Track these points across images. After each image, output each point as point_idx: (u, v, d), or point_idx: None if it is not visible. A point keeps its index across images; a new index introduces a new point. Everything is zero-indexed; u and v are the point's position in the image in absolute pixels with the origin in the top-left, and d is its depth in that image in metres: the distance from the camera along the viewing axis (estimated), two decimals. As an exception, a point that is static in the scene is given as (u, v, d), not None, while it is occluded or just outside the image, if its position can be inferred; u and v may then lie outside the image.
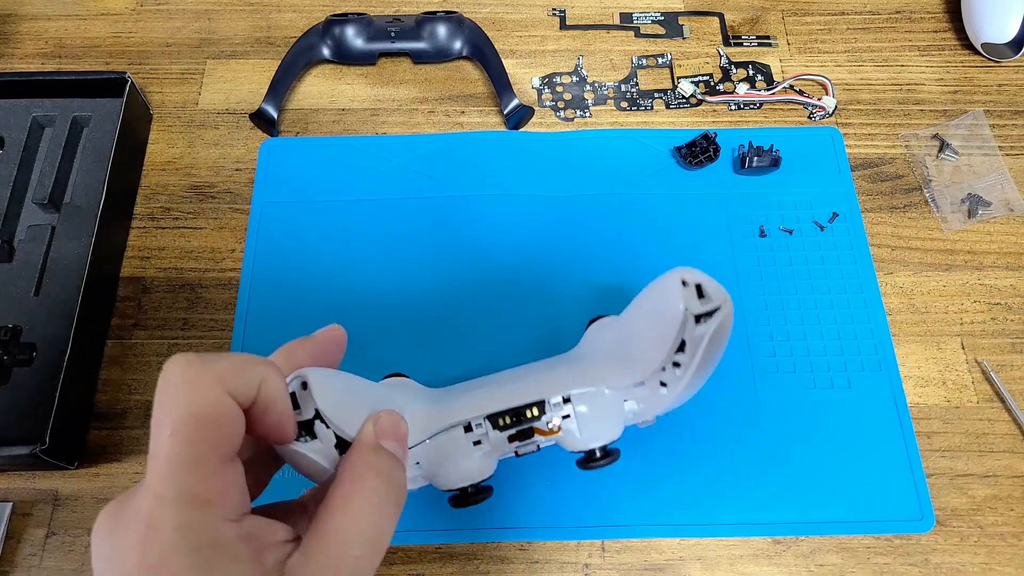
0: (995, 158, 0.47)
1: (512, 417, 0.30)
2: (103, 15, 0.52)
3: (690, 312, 0.26)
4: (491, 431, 0.30)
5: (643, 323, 0.30)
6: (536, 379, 0.31)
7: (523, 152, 0.46)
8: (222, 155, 0.47)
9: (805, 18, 0.52)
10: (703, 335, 0.26)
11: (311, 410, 0.24)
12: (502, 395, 0.30)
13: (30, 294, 0.41)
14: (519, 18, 0.52)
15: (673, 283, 0.27)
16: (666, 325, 0.27)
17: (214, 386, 0.20)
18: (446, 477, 0.29)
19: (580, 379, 0.30)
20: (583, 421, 0.30)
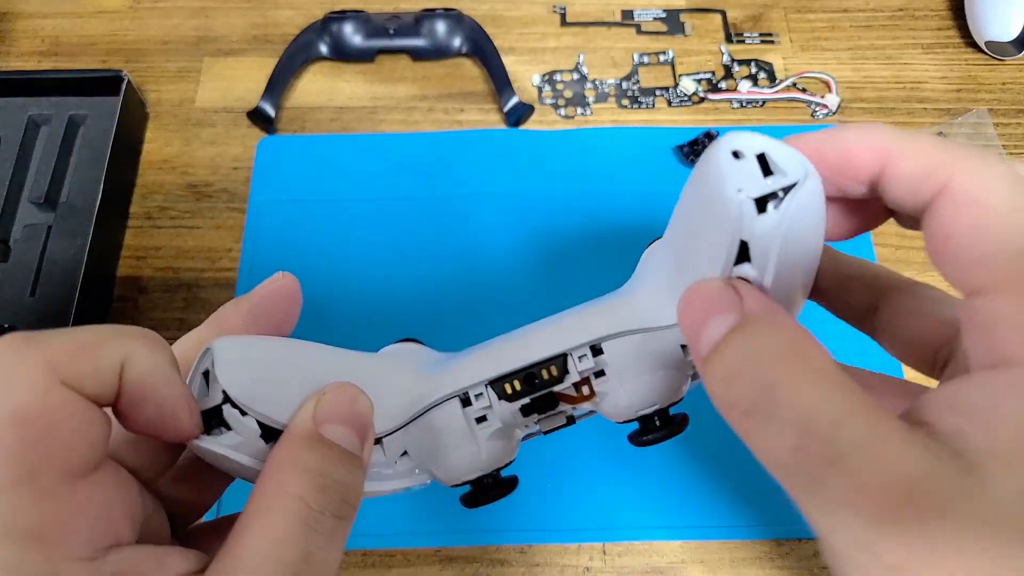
0: (999, 157, 0.46)
1: (522, 382, 0.21)
2: (99, 13, 0.51)
3: (746, 196, 0.17)
4: (496, 402, 0.21)
5: (689, 225, 0.20)
6: (561, 326, 0.22)
7: (523, 150, 0.46)
8: (219, 153, 0.47)
9: (808, 15, 0.52)
10: (774, 230, 0.16)
11: (218, 394, 0.18)
12: (510, 352, 0.22)
13: (26, 294, 0.40)
14: (519, 15, 0.52)
15: (720, 157, 0.17)
16: (717, 222, 0.17)
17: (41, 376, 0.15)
18: (446, 468, 0.22)
19: (615, 321, 0.21)
20: (625, 378, 0.21)
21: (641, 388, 0.21)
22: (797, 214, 0.16)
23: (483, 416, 0.22)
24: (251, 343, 0.20)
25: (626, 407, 0.21)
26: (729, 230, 0.17)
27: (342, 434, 0.18)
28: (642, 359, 0.21)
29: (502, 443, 0.22)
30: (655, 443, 0.21)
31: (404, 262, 0.43)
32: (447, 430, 0.22)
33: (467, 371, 0.22)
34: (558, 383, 0.21)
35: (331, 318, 0.41)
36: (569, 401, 0.22)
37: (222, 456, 0.19)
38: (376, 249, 0.43)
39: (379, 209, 0.44)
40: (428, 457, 0.22)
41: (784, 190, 0.16)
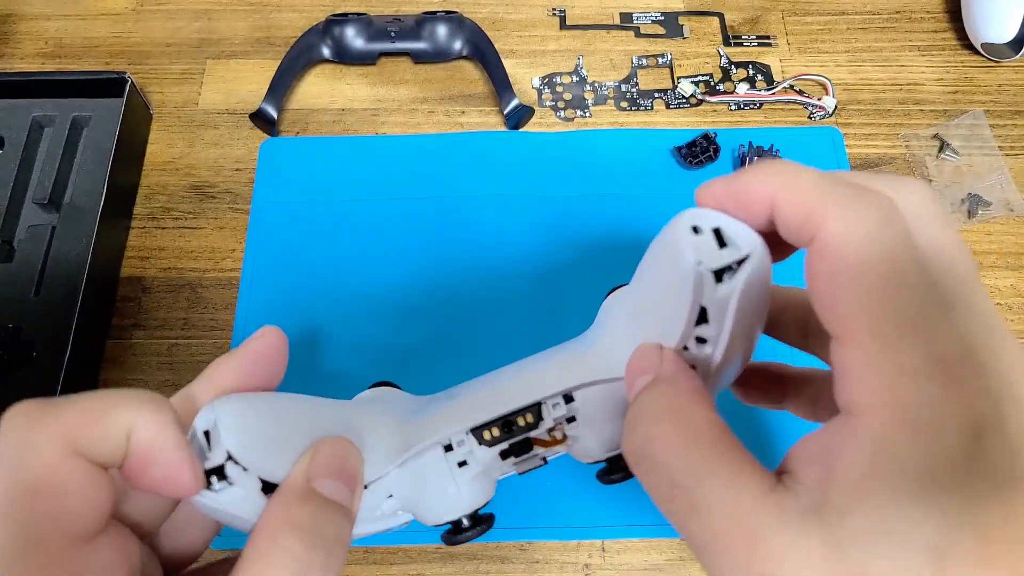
0: (995, 158, 0.47)
1: (500, 429, 0.23)
2: (103, 15, 0.52)
3: (705, 267, 0.19)
4: (476, 448, 0.23)
5: (653, 288, 0.22)
6: (534, 375, 0.24)
7: (523, 152, 0.46)
8: (222, 155, 0.47)
9: (805, 18, 0.52)
10: (728, 296, 0.19)
11: (221, 453, 0.19)
12: (488, 401, 0.24)
13: (30, 294, 0.41)
14: (519, 18, 0.52)
15: (681, 231, 0.19)
16: (678, 289, 0.20)
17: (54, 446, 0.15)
18: (429, 509, 0.23)
19: (584, 370, 0.24)
20: (594, 424, 0.23)
21: (609, 432, 0.23)
22: (749, 281, 0.19)
23: (464, 461, 0.23)
24: (249, 402, 0.20)
25: (595, 450, 0.23)
26: (690, 297, 0.19)
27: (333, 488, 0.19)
28: (610, 406, 0.23)
29: (481, 486, 0.24)
30: (622, 481, 0.23)
31: (405, 263, 0.43)
32: (431, 475, 0.23)
33: (449, 419, 0.23)
34: (533, 429, 0.23)
35: (332, 318, 0.42)
36: (544, 445, 0.24)
37: (223, 512, 0.19)
38: (377, 250, 0.43)
39: (380, 210, 0.45)
40: (412, 499, 0.23)
41: (737, 262, 0.19)
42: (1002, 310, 0.43)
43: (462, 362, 0.41)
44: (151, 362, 0.41)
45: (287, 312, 0.42)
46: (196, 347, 0.41)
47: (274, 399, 0.21)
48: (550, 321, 0.41)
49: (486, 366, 0.40)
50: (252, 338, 0.21)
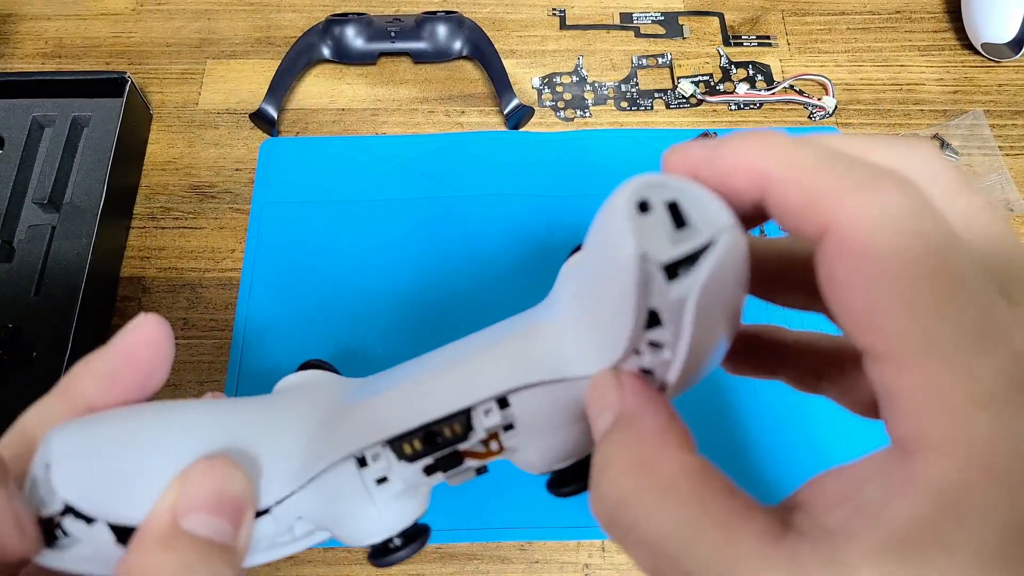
0: (995, 158, 0.47)
1: (422, 442, 0.18)
2: (103, 15, 0.52)
3: (652, 260, 0.14)
4: (395, 464, 0.19)
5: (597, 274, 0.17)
6: (465, 369, 0.19)
7: (523, 152, 0.46)
8: (222, 155, 0.47)
9: (805, 18, 0.52)
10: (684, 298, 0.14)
11: (58, 503, 0.16)
12: (409, 402, 0.19)
13: (30, 294, 0.41)
14: (519, 18, 0.52)
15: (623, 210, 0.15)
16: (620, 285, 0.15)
17: None
18: (349, 532, 0.19)
19: (525, 367, 0.18)
20: (535, 433, 0.18)
21: (554, 444, 0.19)
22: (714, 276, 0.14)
23: (383, 477, 0.19)
24: (96, 426, 0.17)
25: (539, 464, 0.19)
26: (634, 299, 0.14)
27: (207, 524, 0.15)
28: (554, 412, 0.18)
29: (407, 502, 0.20)
30: (573, 495, 0.19)
31: (405, 262, 0.43)
32: (343, 494, 0.19)
33: (362, 427, 0.19)
34: (462, 441, 0.18)
35: (331, 317, 0.42)
36: (477, 457, 0.19)
37: (73, 570, 0.16)
38: (377, 250, 0.43)
39: (380, 210, 0.45)
40: (327, 520, 0.19)
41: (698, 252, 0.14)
42: (1002, 310, 0.43)
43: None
44: (151, 362, 0.41)
45: (287, 311, 0.42)
46: (196, 347, 0.41)
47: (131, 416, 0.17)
48: (550, 321, 0.41)
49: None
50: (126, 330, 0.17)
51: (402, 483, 0.19)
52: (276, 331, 0.41)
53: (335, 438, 0.19)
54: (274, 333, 0.41)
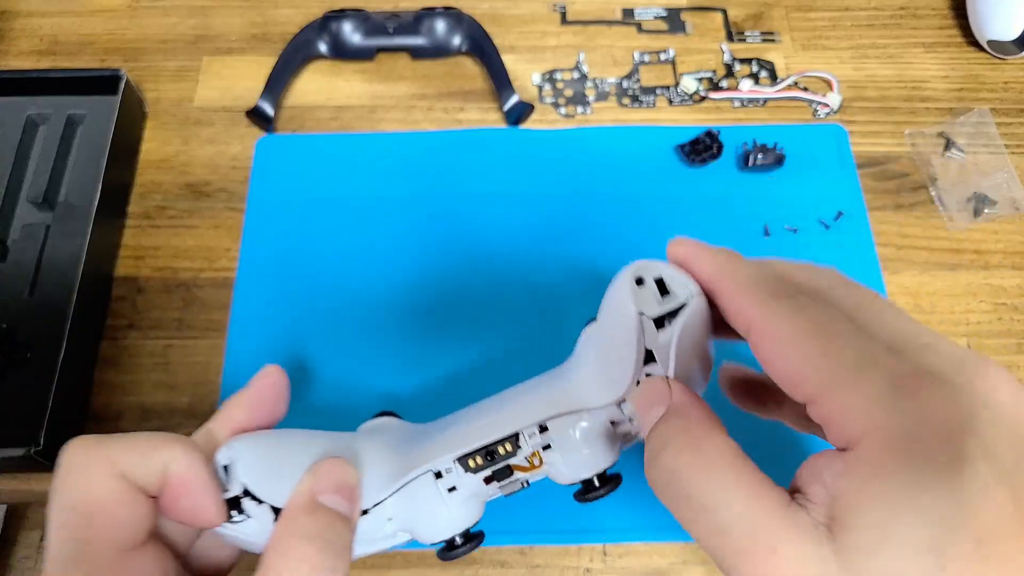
0: (1001, 156, 0.46)
1: (483, 457, 0.26)
2: (98, 12, 0.51)
3: (646, 316, 0.22)
4: (462, 475, 0.26)
5: (609, 331, 0.25)
6: (513, 407, 0.27)
7: (523, 149, 0.46)
8: (218, 153, 0.46)
9: (809, 14, 0.51)
10: (669, 341, 0.22)
11: (239, 487, 0.22)
12: (472, 432, 0.26)
13: (24, 294, 0.40)
14: (519, 13, 0.51)
15: (625, 283, 0.23)
16: (627, 334, 0.23)
17: (104, 470, 0.19)
18: (426, 530, 0.26)
19: (557, 402, 0.26)
20: (567, 450, 0.26)
21: (580, 459, 0.26)
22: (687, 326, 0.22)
23: (453, 487, 0.26)
24: (261, 440, 0.24)
25: (568, 474, 0.26)
26: (636, 343, 0.22)
27: (335, 501, 0.22)
28: (580, 434, 0.26)
29: (470, 508, 0.26)
30: (596, 500, 0.26)
31: (403, 261, 0.43)
32: (425, 499, 0.26)
33: (438, 448, 0.26)
34: (512, 457, 0.26)
35: (331, 317, 0.41)
36: (523, 470, 0.26)
37: (241, 539, 0.23)
38: (375, 248, 0.43)
39: (378, 208, 0.44)
40: (410, 521, 0.26)
41: (674, 312, 0.22)
42: (1007, 310, 0.42)
43: (459, 360, 0.40)
44: (146, 362, 0.41)
45: (283, 311, 0.41)
46: (191, 347, 0.41)
47: (283, 436, 0.25)
48: (549, 317, 0.41)
49: (483, 364, 0.40)
50: (257, 377, 0.25)
51: (467, 491, 0.26)
52: (272, 331, 0.41)
53: (418, 458, 0.26)
54: (270, 333, 0.41)
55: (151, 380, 0.40)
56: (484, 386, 0.39)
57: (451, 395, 0.39)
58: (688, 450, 0.19)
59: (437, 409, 0.39)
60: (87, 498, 0.18)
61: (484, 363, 0.40)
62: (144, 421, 0.39)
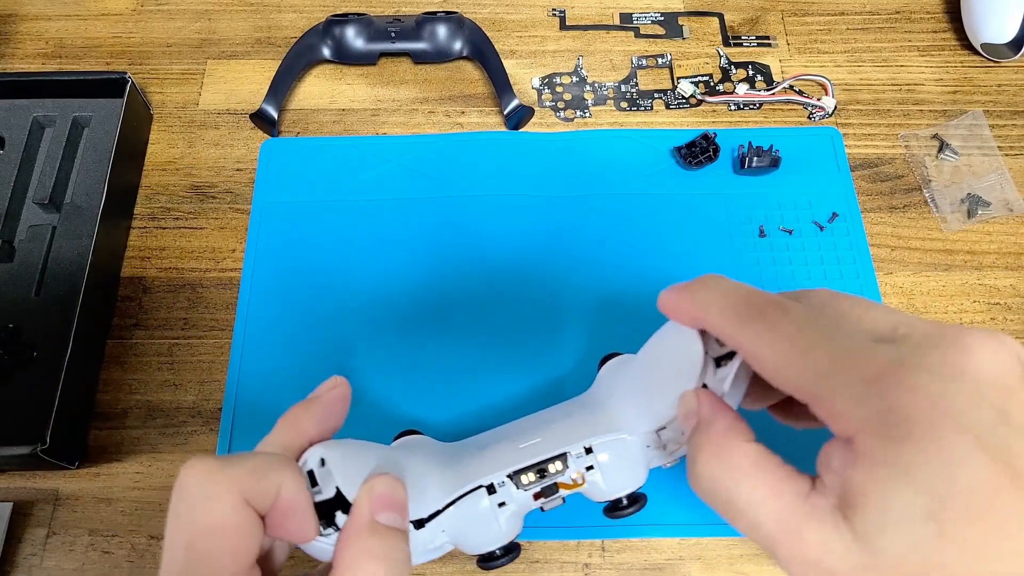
0: (995, 158, 0.47)
1: (535, 473, 0.29)
2: (103, 15, 0.52)
3: (710, 356, 0.25)
4: (515, 491, 0.28)
5: (662, 367, 0.28)
6: (554, 430, 0.30)
7: (523, 152, 0.46)
8: (223, 155, 0.47)
9: (805, 18, 0.52)
10: (724, 378, 0.25)
11: (332, 488, 0.24)
12: (522, 452, 0.29)
13: (30, 294, 0.41)
14: (519, 18, 0.52)
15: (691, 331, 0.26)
16: (685, 370, 0.26)
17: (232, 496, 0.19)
18: (473, 542, 0.28)
19: (600, 427, 0.29)
20: (606, 471, 0.29)
21: (618, 479, 0.29)
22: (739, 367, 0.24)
23: (503, 502, 0.28)
24: (342, 447, 0.25)
25: (607, 491, 0.29)
26: (696, 378, 0.25)
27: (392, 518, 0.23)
28: (620, 458, 0.29)
29: (514, 523, 0.29)
30: (626, 517, 0.30)
31: (405, 263, 0.43)
32: (476, 512, 0.28)
33: (490, 465, 0.29)
34: (561, 475, 0.29)
35: (331, 318, 0.42)
36: (566, 488, 0.29)
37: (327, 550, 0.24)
38: (378, 250, 0.44)
39: (380, 211, 0.45)
40: (460, 533, 0.28)
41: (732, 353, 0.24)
42: (1001, 310, 0.43)
43: (460, 360, 0.41)
44: (152, 362, 0.41)
45: (287, 311, 0.42)
46: (197, 347, 0.41)
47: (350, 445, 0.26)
48: (549, 320, 0.42)
49: (484, 364, 0.40)
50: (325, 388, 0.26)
51: (515, 506, 0.29)
52: (276, 331, 0.41)
53: (470, 472, 0.29)
54: (274, 333, 0.41)
55: (157, 379, 0.41)
56: (484, 386, 0.40)
57: (453, 394, 0.40)
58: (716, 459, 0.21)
59: (438, 408, 0.39)
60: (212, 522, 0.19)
61: (484, 362, 0.41)
62: (149, 420, 0.40)
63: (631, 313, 0.42)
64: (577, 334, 0.41)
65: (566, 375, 0.40)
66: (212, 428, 0.39)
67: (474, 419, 0.39)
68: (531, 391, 0.40)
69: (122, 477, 0.39)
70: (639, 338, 0.43)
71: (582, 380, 0.40)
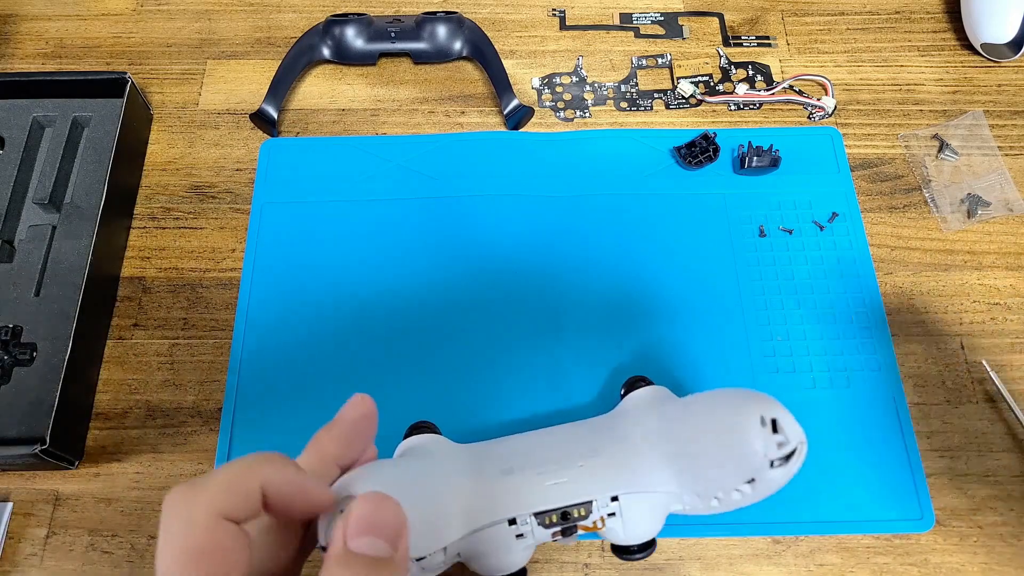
0: (994, 158, 0.47)
1: (559, 516, 0.30)
2: (104, 15, 0.52)
3: (766, 457, 0.26)
4: (536, 528, 0.29)
5: (709, 447, 0.29)
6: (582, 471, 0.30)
7: (523, 152, 0.46)
8: (222, 155, 0.47)
9: (805, 18, 0.52)
10: (775, 479, 0.26)
11: None
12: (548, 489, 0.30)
13: (30, 294, 0.41)
14: (519, 18, 0.52)
15: (751, 422, 0.27)
16: (738, 462, 0.27)
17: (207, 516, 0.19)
18: (485, 566, 0.30)
19: (632, 481, 0.30)
20: (628, 520, 0.30)
21: (638, 529, 0.31)
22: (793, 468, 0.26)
23: (522, 534, 0.30)
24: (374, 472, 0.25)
25: (624, 538, 0.31)
26: (748, 471, 0.27)
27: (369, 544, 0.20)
28: (642, 510, 0.30)
29: (528, 553, 0.31)
30: (636, 560, 0.32)
31: (405, 263, 0.43)
32: (494, 541, 0.29)
33: (516, 502, 0.30)
34: (584, 520, 0.30)
35: (331, 318, 0.42)
36: (585, 530, 0.30)
37: None
38: (377, 250, 0.44)
39: (380, 211, 0.45)
40: (473, 557, 0.29)
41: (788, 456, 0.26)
42: (1001, 310, 0.43)
43: (460, 360, 0.41)
44: (152, 362, 0.41)
45: (287, 311, 0.42)
46: (196, 347, 0.41)
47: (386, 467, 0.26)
48: (549, 320, 0.42)
49: (484, 365, 0.40)
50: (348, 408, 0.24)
51: (533, 539, 0.30)
52: (276, 331, 0.41)
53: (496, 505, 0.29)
54: (274, 333, 0.41)
55: (157, 379, 0.41)
56: (484, 385, 0.40)
57: (453, 393, 0.40)
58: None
59: (438, 407, 0.39)
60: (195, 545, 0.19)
61: (483, 362, 0.41)
62: (149, 419, 0.40)
63: (631, 312, 0.42)
64: (577, 333, 0.41)
65: (566, 374, 0.40)
66: (212, 428, 0.39)
67: (474, 418, 0.39)
68: (531, 390, 0.40)
69: (122, 477, 0.39)
70: (639, 337, 0.43)
71: (582, 379, 0.40)
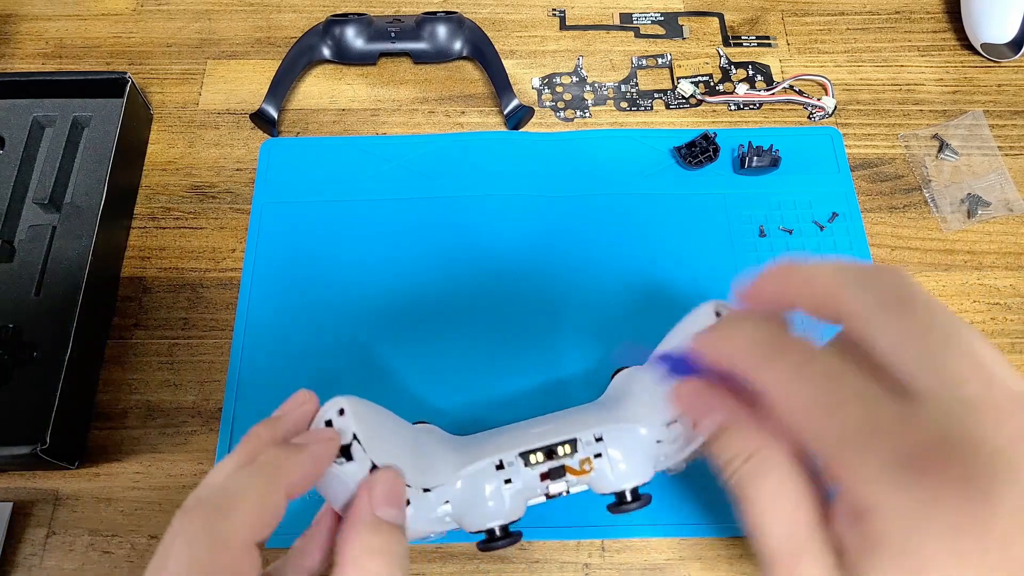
0: (994, 158, 0.47)
1: (544, 454, 0.29)
2: (104, 15, 0.52)
3: None
4: (522, 468, 0.29)
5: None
6: (566, 420, 0.31)
7: (523, 152, 0.46)
8: (222, 155, 0.47)
9: (805, 18, 0.52)
10: None
11: (348, 435, 0.25)
12: (533, 435, 0.30)
13: (30, 294, 0.41)
14: (519, 18, 0.52)
15: (706, 314, 0.27)
16: None
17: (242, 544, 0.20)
18: (475, 517, 0.29)
19: (611, 418, 0.31)
20: (615, 461, 0.30)
21: (626, 469, 0.30)
22: None
23: (510, 479, 0.29)
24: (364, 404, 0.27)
25: (611, 483, 0.30)
26: None
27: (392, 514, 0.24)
28: (629, 449, 0.30)
29: (516, 504, 0.29)
30: (628, 512, 0.30)
31: (405, 263, 0.43)
32: (482, 486, 0.29)
33: (502, 444, 0.30)
34: (570, 458, 0.30)
35: (331, 318, 0.42)
36: (573, 473, 0.30)
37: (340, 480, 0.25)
38: (377, 250, 0.44)
39: (380, 211, 0.45)
40: (464, 506, 0.29)
41: None
42: (1001, 310, 0.43)
43: (460, 360, 0.41)
44: (152, 362, 0.41)
45: (287, 311, 0.42)
46: (197, 347, 0.41)
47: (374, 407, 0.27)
48: (549, 320, 0.42)
49: (484, 365, 0.40)
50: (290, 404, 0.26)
51: (521, 484, 0.29)
52: (276, 331, 0.41)
53: (482, 451, 0.30)
54: (274, 333, 0.41)
55: (157, 379, 0.41)
56: (484, 385, 0.40)
57: (452, 393, 0.40)
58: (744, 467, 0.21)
59: (438, 407, 0.39)
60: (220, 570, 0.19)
61: (483, 360, 0.41)
62: (149, 419, 0.40)
63: (630, 312, 0.42)
64: (576, 333, 0.41)
65: (565, 374, 0.40)
66: (212, 428, 0.39)
67: (474, 418, 0.39)
68: (531, 390, 0.40)
69: (122, 477, 0.39)
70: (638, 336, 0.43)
71: (582, 379, 0.40)
